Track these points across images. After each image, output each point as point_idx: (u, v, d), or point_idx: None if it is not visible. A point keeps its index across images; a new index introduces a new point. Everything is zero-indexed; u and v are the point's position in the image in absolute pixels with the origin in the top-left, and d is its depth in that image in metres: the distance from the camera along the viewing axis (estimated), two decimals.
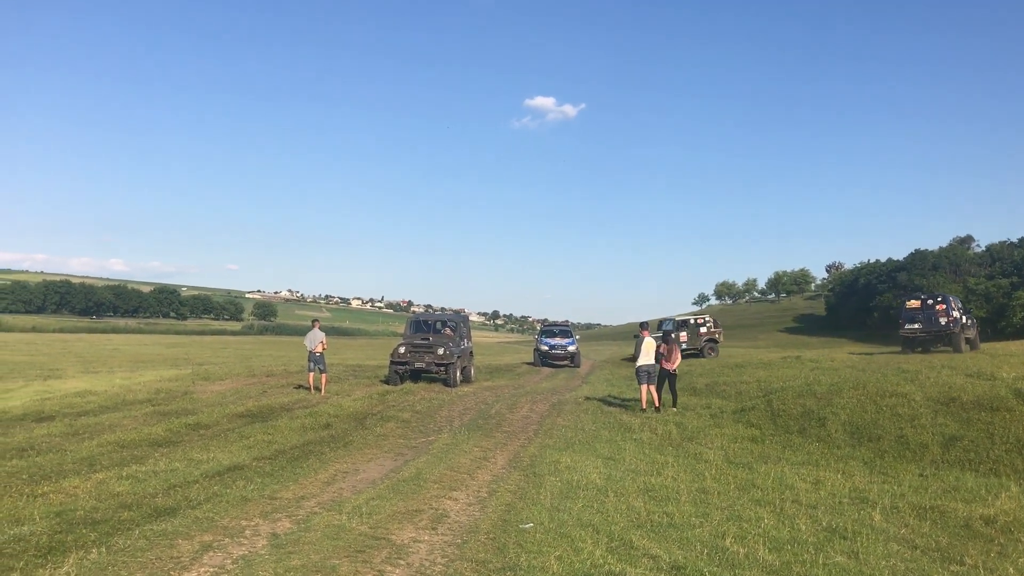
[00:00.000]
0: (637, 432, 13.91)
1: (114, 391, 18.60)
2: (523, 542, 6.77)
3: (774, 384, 18.51)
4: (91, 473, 9.10)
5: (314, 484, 9.12)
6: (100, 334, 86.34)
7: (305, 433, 12.93)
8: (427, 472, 9.96)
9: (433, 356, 22.45)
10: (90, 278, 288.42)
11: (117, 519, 7.09)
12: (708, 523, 7.78)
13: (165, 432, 12.44)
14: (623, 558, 6.41)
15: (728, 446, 12.75)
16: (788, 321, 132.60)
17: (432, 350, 22.59)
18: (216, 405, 16.37)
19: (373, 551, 6.40)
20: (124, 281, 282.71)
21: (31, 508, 7.37)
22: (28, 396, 17.43)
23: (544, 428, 14.39)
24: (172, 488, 8.49)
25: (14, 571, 5.53)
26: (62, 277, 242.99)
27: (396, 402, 17.81)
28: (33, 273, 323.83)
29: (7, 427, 12.49)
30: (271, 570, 5.78)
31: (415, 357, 22.59)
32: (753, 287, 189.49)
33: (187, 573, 5.69)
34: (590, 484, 9.37)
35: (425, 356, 22.54)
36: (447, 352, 22.41)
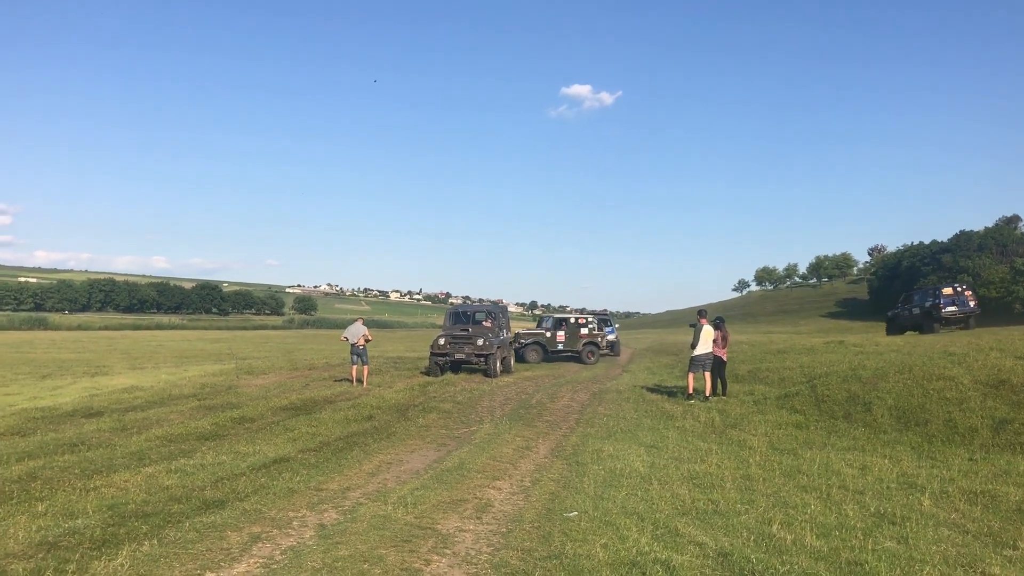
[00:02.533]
0: (679, 420, 13.85)
1: (160, 386, 18.89)
2: (568, 530, 6.77)
3: (818, 369, 18.29)
4: (141, 467, 9.25)
5: (359, 475, 9.20)
6: (144, 331, 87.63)
7: (348, 425, 13.05)
8: (470, 462, 10.00)
9: (473, 347, 22.50)
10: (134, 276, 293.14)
11: (167, 512, 7.21)
12: (754, 510, 7.72)
13: (211, 426, 12.62)
14: (669, 545, 6.39)
15: (772, 432, 12.64)
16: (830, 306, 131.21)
17: (472, 341, 22.66)
18: (260, 399, 16.56)
19: (419, 540, 6.45)
20: (167, 278, 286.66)
21: (84, 502, 7.50)
22: (77, 393, 17.75)
23: (585, 417, 14.37)
24: (220, 481, 8.61)
25: (70, 563, 5.64)
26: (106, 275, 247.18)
27: (437, 393, 17.90)
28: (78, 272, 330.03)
29: (58, 423, 12.73)
30: (320, 560, 5.84)
31: (455, 348, 22.64)
32: (794, 272, 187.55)
33: (237, 564, 5.77)
34: (633, 472, 9.35)
35: (465, 347, 22.59)
36: (487, 343, 22.47)
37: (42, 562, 5.64)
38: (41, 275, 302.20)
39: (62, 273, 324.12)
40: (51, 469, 9.00)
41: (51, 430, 11.98)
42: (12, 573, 5.41)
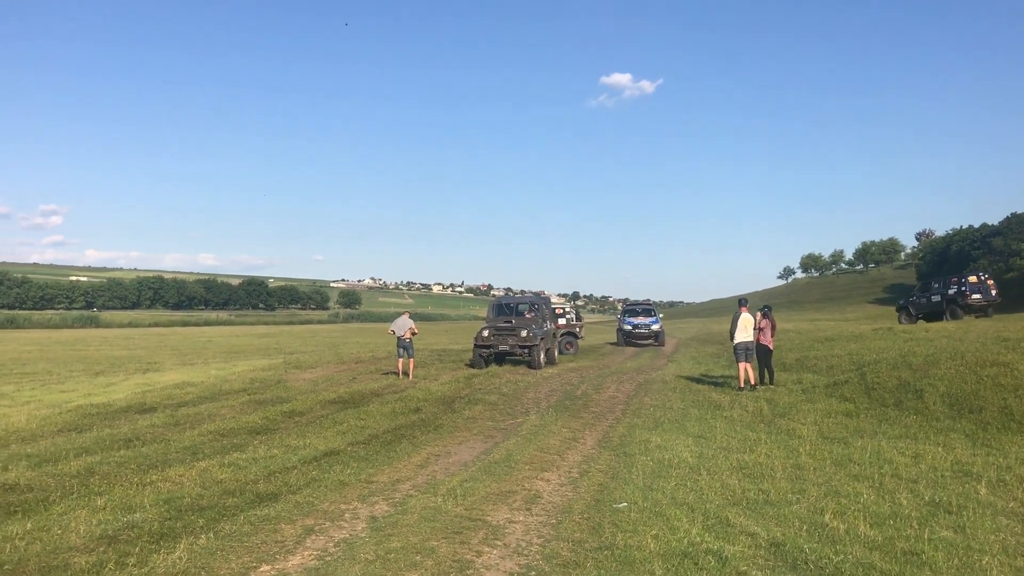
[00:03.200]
0: (727, 410, 13.75)
1: (210, 382, 19.18)
2: (618, 521, 6.77)
3: (867, 357, 18.03)
4: (194, 461, 9.41)
5: (408, 467, 9.28)
6: (193, 327, 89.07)
7: (396, 418, 13.15)
8: (517, 454, 10.03)
9: (516, 338, 22.47)
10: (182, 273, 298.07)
11: (222, 505, 7.33)
12: (805, 499, 7.65)
13: (262, 420, 12.80)
14: (720, 536, 6.36)
15: (821, 421, 12.50)
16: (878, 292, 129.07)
17: (515, 332, 22.62)
18: (309, 392, 16.75)
19: (470, 532, 6.49)
20: (214, 275, 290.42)
21: (141, 496, 7.65)
22: (130, 389, 18.08)
23: (632, 408, 14.33)
24: (272, 474, 8.74)
25: (130, 556, 5.76)
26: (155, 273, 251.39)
27: (482, 385, 17.96)
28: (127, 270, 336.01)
29: (113, 419, 12.98)
30: (373, 552, 5.91)
31: (499, 340, 22.63)
32: (840, 258, 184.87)
33: (292, 557, 5.86)
34: (682, 463, 9.31)
35: (508, 339, 22.57)
36: (530, 334, 22.38)
37: (103, 555, 5.78)
38: (92, 274, 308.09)
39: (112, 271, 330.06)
40: (108, 464, 9.19)
41: (106, 426, 12.21)
42: (75, 566, 5.54)
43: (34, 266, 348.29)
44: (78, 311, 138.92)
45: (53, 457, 9.58)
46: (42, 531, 6.40)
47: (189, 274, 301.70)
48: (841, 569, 5.59)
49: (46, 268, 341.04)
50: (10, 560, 5.66)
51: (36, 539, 6.17)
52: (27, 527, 6.50)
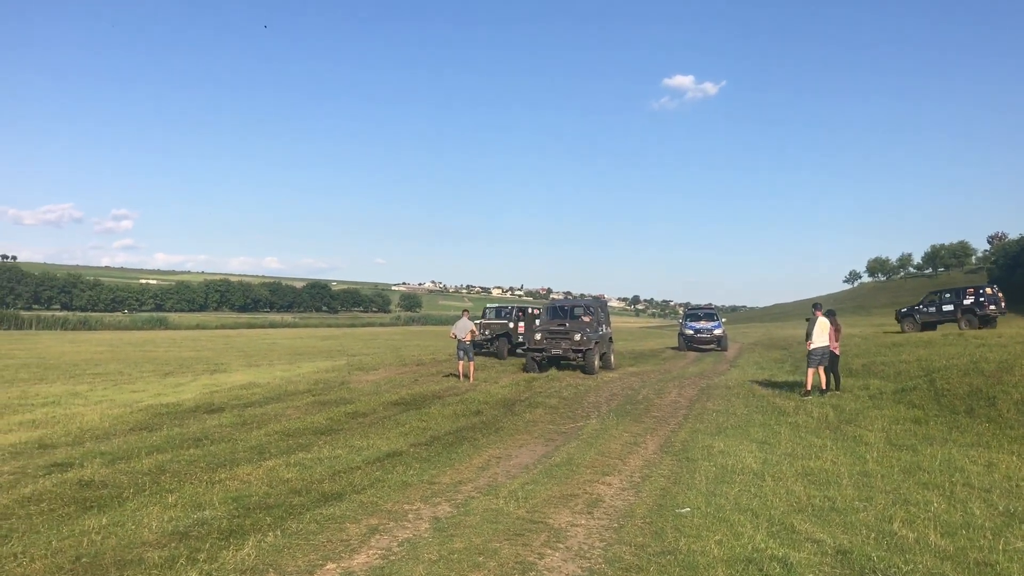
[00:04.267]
0: (792, 415, 13.55)
1: (276, 383, 19.49)
2: (681, 526, 6.73)
3: (936, 362, 17.62)
4: (261, 461, 9.59)
5: (469, 469, 9.34)
6: (258, 329, 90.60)
7: (457, 420, 13.24)
8: (578, 457, 10.03)
9: (570, 342, 21.90)
10: (247, 276, 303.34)
11: (289, 504, 7.47)
12: (873, 507, 7.52)
13: (326, 421, 12.98)
14: (785, 542, 6.28)
15: (889, 428, 12.26)
16: None
17: (569, 336, 22.04)
18: (371, 394, 16.94)
19: (532, 535, 6.51)
20: (278, 278, 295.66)
21: (210, 494, 7.83)
22: (198, 389, 18.47)
23: (694, 413, 14.21)
24: (337, 474, 8.87)
25: (201, 552, 5.91)
26: (222, 276, 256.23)
27: (543, 388, 17.96)
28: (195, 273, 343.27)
29: (182, 419, 13.28)
30: (436, 552, 5.96)
31: (552, 344, 22.08)
32: (908, 262, 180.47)
33: (357, 555, 5.94)
34: (745, 468, 9.21)
35: (562, 342, 22.02)
36: (584, 338, 21.83)
37: (175, 551, 5.93)
38: (160, 277, 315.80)
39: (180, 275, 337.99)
40: (178, 463, 9.41)
41: (176, 425, 12.50)
42: (149, 560, 5.70)
43: (105, 269, 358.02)
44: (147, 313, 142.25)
45: (126, 455, 9.85)
46: (117, 526, 6.59)
47: (254, 277, 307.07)
48: None
49: (117, 271, 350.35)
50: (87, 553, 5.85)
51: (111, 534, 6.36)
52: (103, 522, 6.70)
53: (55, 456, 9.78)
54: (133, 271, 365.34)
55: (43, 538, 6.23)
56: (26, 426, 12.50)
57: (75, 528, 6.53)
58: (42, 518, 6.88)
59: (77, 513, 7.07)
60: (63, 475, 8.56)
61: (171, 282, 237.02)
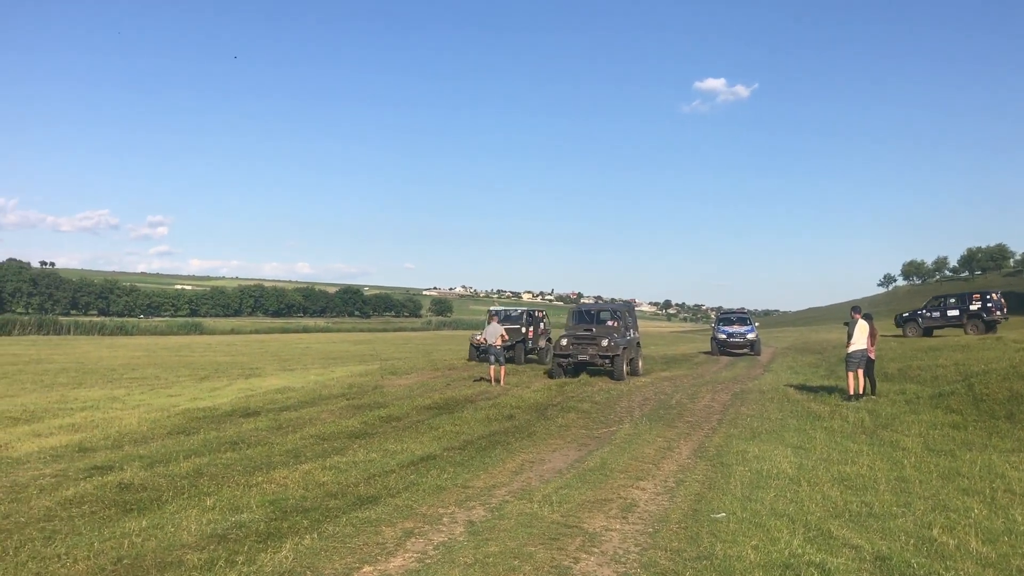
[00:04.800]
0: (827, 420, 13.43)
1: (310, 387, 19.64)
2: (716, 531, 6.70)
3: (974, 367, 17.40)
4: (297, 464, 9.67)
5: (503, 473, 9.36)
6: (292, 334, 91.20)
7: (490, 424, 13.26)
8: (612, 462, 10.01)
9: (597, 348, 21.32)
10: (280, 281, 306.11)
11: (325, 507, 7.53)
12: (911, 513, 7.44)
13: (360, 424, 13.06)
14: (822, 548, 6.24)
15: (926, 433, 12.12)
16: None
17: (596, 341, 21.51)
18: (405, 398, 17.01)
19: (567, 539, 6.52)
20: (311, 283, 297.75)
21: (248, 497, 7.91)
22: (234, 393, 18.65)
23: (728, 418, 14.13)
24: (372, 477, 8.92)
25: (239, 554, 5.98)
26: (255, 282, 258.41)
27: (575, 393, 17.94)
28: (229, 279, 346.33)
29: (219, 422, 13.42)
30: (471, 556, 5.99)
31: (578, 349, 21.53)
32: (944, 265, 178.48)
33: (393, 558, 5.98)
34: (781, 473, 9.15)
35: (588, 348, 21.43)
36: (612, 343, 21.26)
37: (214, 553, 6.01)
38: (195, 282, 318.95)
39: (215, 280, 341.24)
40: (216, 466, 9.51)
41: (213, 429, 12.63)
42: (188, 562, 5.78)
43: (142, 275, 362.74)
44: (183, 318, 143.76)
45: (164, 458, 9.97)
46: (157, 528, 6.68)
47: (288, 282, 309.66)
48: None
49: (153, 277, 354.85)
50: (128, 555, 5.94)
51: (151, 536, 6.45)
52: (143, 524, 6.80)
53: (95, 459, 9.92)
54: (168, 277, 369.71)
55: (85, 540, 6.34)
56: (66, 429, 12.70)
57: (116, 530, 6.63)
58: (84, 520, 7.00)
59: (118, 515, 7.18)
60: (103, 478, 8.69)
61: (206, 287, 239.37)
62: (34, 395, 18.54)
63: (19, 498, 7.82)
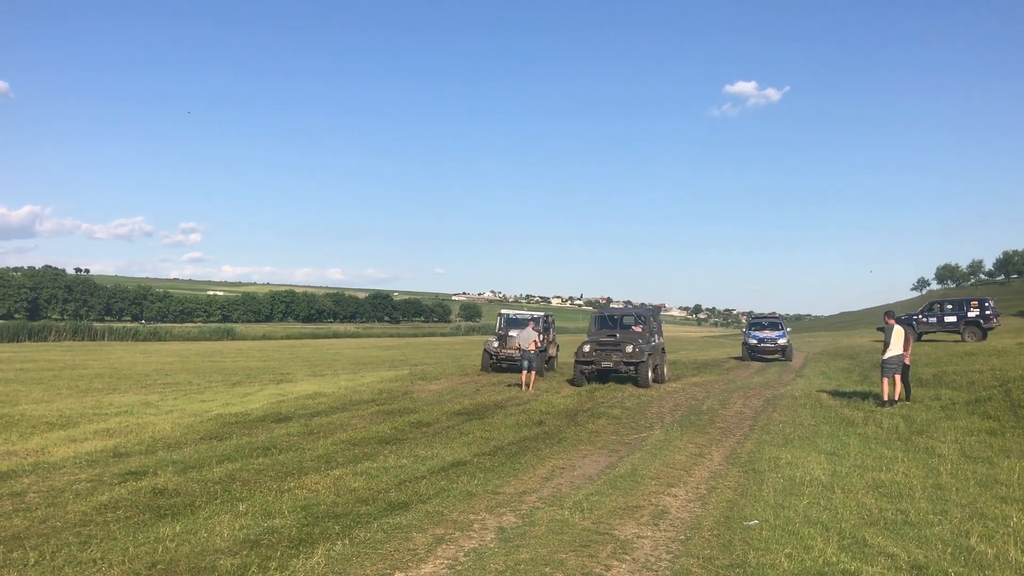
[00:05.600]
0: (861, 426, 13.28)
1: (341, 392, 19.73)
2: (749, 539, 6.64)
3: (1012, 372, 17.11)
4: (329, 470, 9.71)
5: (533, 479, 9.34)
6: (323, 339, 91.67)
7: (520, 430, 13.25)
8: (643, 468, 9.96)
9: (621, 354, 20.82)
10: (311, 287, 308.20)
11: (356, 513, 7.55)
12: (948, 521, 7.33)
13: (391, 430, 13.10)
14: (857, 556, 6.16)
15: (963, 439, 11.94)
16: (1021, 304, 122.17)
17: (620, 348, 21.02)
18: (435, 404, 17.05)
19: (598, 546, 6.49)
20: (342, 288, 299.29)
21: (280, 502, 7.95)
22: (265, 399, 18.76)
23: (760, 424, 14.02)
24: (402, 483, 8.94)
25: (272, 560, 6.01)
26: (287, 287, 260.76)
27: (605, 399, 17.88)
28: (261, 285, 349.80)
29: (251, 428, 13.51)
30: (502, 562, 5.98)
31: (601, 356, 21.05)
32: (979, 268, 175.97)
33: (424, 565, 5.98)
34: (814, 480, 9.06)
35: (612, 355, 20.95)
36: (636, 350, 20.76)
37: (247, 558, 6.04)
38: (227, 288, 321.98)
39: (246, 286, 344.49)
40: (248, 471, 9.58)
41: (245, 434, 12.72)
42: (222, 568, 5.82)
43: (174, 281, 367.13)
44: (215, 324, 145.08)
45: (197, 463, 10.05)
46: (190, 534, 6.73)
47: (318, 288, 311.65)
48: None
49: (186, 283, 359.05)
50: (163, 560, 5.99)
51: (185, 541, 6.50)
52: (176, 529, 6.86)
53: (129, 464, 10.02)
54: (201, 283, 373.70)
55: (120, 544, 6.40)
56: (101, 435, 12.84)
57: (150, 535, 6.69)
58: (119, 525, 7.06)
59: (152, 520, 7.24)
60: (137, 483, 8.78)
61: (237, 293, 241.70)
62: (70, 400, 18.76)
63: (55, 503, 7.92)
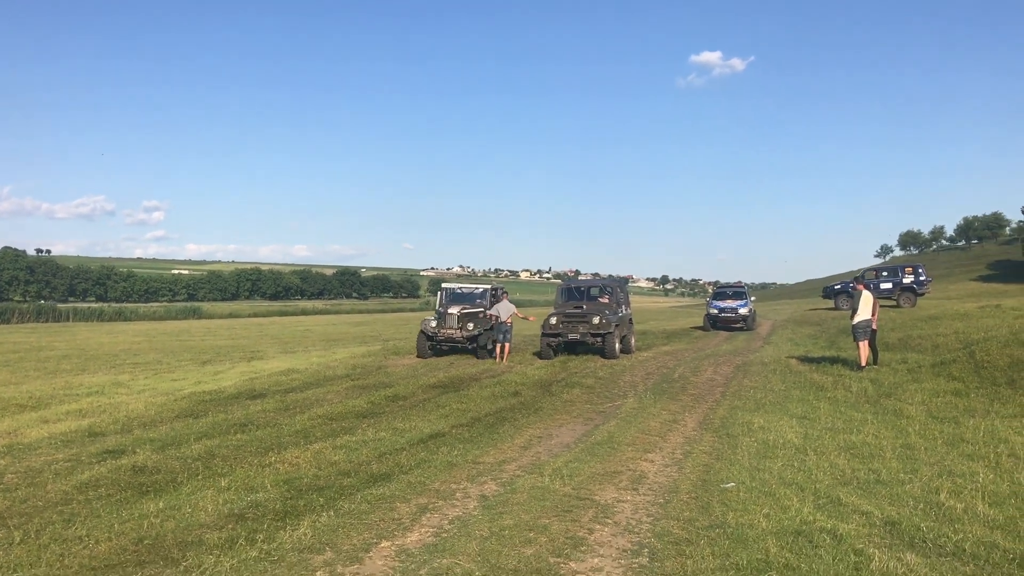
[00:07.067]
0: (830, 390, 13.53)
1: (314, 368, 19.69)
2: (727, 501, 6.79)
3: (974, 335, 17.49)
4: (308, 444, 9.73)
5: (512, 449, 9.44)
6: (291, 316, 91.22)
7: (496, 401, 13.35)
8: (619, 435, 10.10)
9: (588, 326, 20.53)
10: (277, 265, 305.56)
11: (339, 485, 7.61)
12: (918, 479, 7.54)
13: (367, 404, 13.14)
14: (833, 515, 6.33)
15: (929, 401, 12.22)
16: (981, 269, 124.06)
17: (587, 319, 20.69)
18: (409, 377, 17.09)
19: (580, 511, 6.61)
20: (308, 266, 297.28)
21: (262, 477, 7.98)
22: (238, 376, 18.70)
23: (731, 390, 14.23)
24: (383, 456, 9.01)
25: (259, 532, 6.05)
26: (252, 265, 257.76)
27: (578, 369, 18.01)
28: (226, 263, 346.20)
29: (226, 405, 13.47)
30: (487, 529, 6.07)
31: (568, 328, 20.72)
32: (940, 235, 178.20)
33: (410, 533, 6.06)
34: (787, 443, 9.25)
35: (579, 326, 20.65)
36: (603, 321, 20.47)
37: (233, 532, 6.08)
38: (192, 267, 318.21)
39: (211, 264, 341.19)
40: (227, 447, 9.58)
41: (220, 411, 12.67)
42: (209, 541, 5.85)
43: (138, 261, 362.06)
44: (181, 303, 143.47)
45: (175, 441, 10.03)
46: (174, 509, 6.75)
47: (284, 265, 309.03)
48: (962, 547, 5.52)
49: (149, 262, 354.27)
50: (149, 535, 6.01)
51: (169, 517, 6.52)
52: (160, 505, 6.87)
53: (106, 444, 9.97)
54: (165, 262, 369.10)
55: (104, 522, 6.40)
56: (74, 415, 12.76)
57: (134, 512, 6.70)
58: (101, 503, 7.06)
59: (134, 498, 7.24)
60: (116, 461, 8.76)
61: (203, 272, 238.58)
62: (38, 382, 18.62)
63: (35, 483, 7.89)
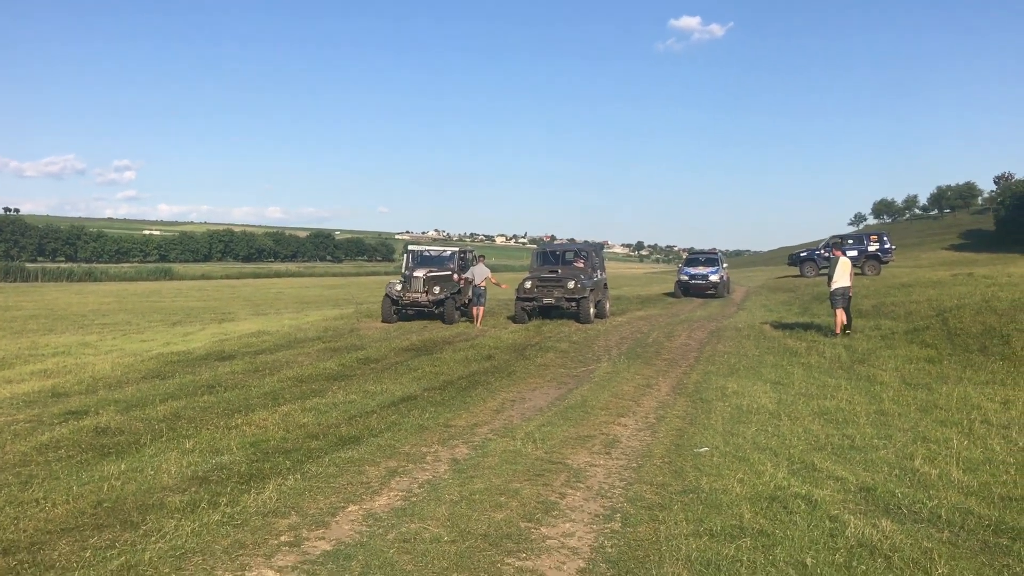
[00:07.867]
0: (804, 356, 13.51)
1: (285, 331, 19.43)
2: (700, 465, 6.72)
3: (947, 302, 17.53)
4: (276, 406, 9.57)
5: (484, 412, 9.33)
6: (264, 279, 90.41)
7: (469, 364, 13.23)
8: (592, 399, 10.02)
9: (563, 290, 20.41)
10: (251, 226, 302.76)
11: (307, 448, 7.46)
12: (892, 445, 7.50)
13: (338, 367, 12.97)
14: (807, 480, 6.27)
15: (903, 367, 12.21)
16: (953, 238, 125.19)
17: (561, 283, 20.57)
18: (382, 340, 16.91)
19: (552, 475, 6.51)
20: (282, 228, 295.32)
21: (228, 439, 7.82)
22: (207, 338, 18.44)
23: (705, 355, 14.18)
24: (353, 418, 8.86)
25: (222, 496, 5.89)
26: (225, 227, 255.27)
27: (552, 333, 17.92)
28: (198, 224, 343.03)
29: (194, 366, 13.25)
30: (457, 493, 5.95)
31: (543, 292, 20.57)
32: (914, 204, 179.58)
33: (378, 497, 5.93)
34: (761, 408, 9.20)
35: (554, 291, 20.53)
36: (578, 285, 20.34)
37: (196, 495, 5.91)
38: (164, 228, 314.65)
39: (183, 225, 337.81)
40: (193, 409, 9.40)
41: (188, 373, 12.46)
42: (170, 504, 5.69)
43: (108, 221, 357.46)
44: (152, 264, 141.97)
45: (140, 402, 9.83)
46: (136, 472, 6.58)
47: (258, 227, 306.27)
48: (937, 514, 5.47)
49: (120, 223, 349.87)
50: (108, 498, 5.84)
51: (131, 479, 6.35)
52: (121, 468, 6.69)
53: (69, 404, 9.76)
54: (136, 222, 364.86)
55: (63, 484, 6.22)
56: (38, 375, 12.50)
57: (94, 474, 6.52)
58: (61, 464, 6.88)
59: (95, 459, 7.06)
60: (79, 422, 8.55)
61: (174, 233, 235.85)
62: (3, 342, 18.26)
63: None
